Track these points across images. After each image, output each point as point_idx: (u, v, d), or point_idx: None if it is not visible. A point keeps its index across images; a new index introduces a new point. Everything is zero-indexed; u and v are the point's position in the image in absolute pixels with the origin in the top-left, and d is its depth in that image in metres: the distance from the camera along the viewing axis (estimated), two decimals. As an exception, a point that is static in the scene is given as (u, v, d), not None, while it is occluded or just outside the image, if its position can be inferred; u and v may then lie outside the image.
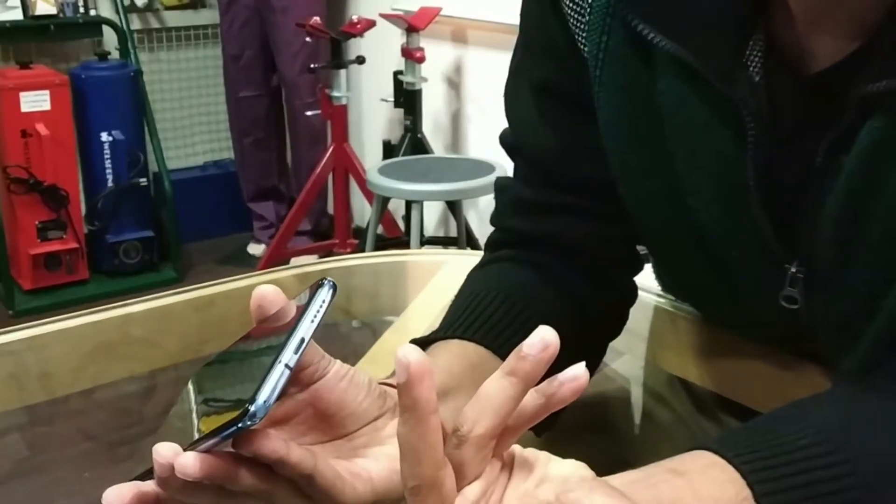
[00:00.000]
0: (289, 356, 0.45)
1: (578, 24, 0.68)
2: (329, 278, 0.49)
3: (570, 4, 0.68)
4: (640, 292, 0.80)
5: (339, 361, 0.53)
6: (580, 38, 0.68)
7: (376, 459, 0.52)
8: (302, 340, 0.46)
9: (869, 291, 0.61)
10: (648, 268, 0.83)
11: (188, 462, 0.44)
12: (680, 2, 0.61)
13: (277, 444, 0.46)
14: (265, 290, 0.52)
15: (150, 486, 0.48)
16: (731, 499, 0.49)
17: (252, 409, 0.43)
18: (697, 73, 0.61)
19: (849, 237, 0.60)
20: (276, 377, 0.45)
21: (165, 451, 0.45)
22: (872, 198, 0.58)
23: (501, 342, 0.67)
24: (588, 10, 0.67)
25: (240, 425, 0.43)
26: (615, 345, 0.79)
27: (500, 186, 0.79)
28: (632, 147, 0.69)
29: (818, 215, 0.61)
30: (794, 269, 0.64)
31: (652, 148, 0.66)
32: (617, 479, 0.48)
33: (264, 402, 0.44)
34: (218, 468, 0.45)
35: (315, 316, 0.47)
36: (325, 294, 0.48)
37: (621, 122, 0.68)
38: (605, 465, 0.49)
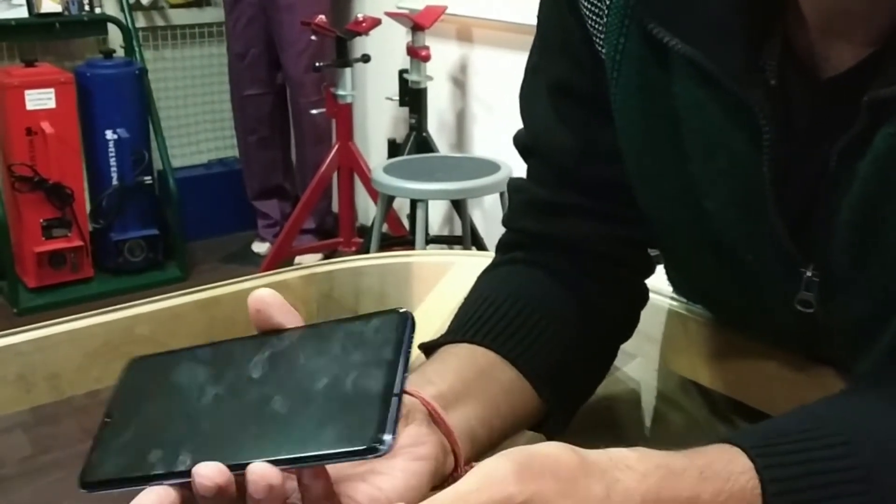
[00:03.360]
0: (398, 387, 0.45)
1: (596, 26, 0.68)
2: (405, 309, 0.49)
3: (588, 6, 0.68)
4: (652, 295, 0.80)
5: None
6: (598, 40, 0.68)
7: (389, 475, 0.51)
8: (405, 369, 0.46)
9: (884, 296, 0.61)
10: (661, 270, 0.82)
11: (271, 473, 0.45)
12: (695, 5, 0.61)
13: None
14: (263, 294, 0.51)
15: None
16: (737, 468, 0.50)
17: (383, 448, 0.43)
18: (713, 76, 0.61)
19: (864, 241, 0.60)
20: (395, 409, 0.44)
21: (210, 472, 0.45)
22: (887, 203, 0.58)
23: (511, 346, 0.67)
24: (606, 11, 0.66)
25: (368, 457, 0.43)
26: (626, 348, 0.78)
27: (514, 187, 0.79)
28: (648, 148, 0.68)
29: (833, 219, 0.61)
30: (809, 273, 0.64)
31: (668, 150, 0.66)
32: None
33: (393, 436, 0.44)
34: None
35: (404, 351, 0.47)
36: (409, 330, 0.48)
37: (637, 124, 0.68)
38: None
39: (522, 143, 0.78)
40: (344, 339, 0.48)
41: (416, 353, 0.69)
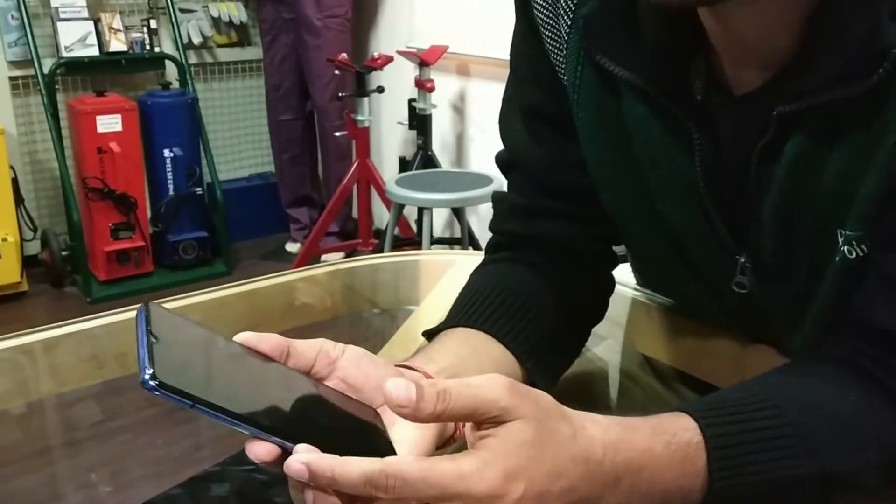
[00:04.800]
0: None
1: (558, 58, 0.68)
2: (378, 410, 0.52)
3: (551, 41, 0.68)
4: (620, 287, 0.80)
5: (352, 346, 0.53)
6: (560, 69, 0.68)
7: (404, 442, 0.51)
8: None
9: (805, 280, 0.60)
10: (627, 267, 0.82)
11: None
12: (633, 39, 0.61)
13: None
14: (245, 338, 0.50)
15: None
16: (682, 425, 0.51)
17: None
18: (650, 95, 0.61)
19: (785, 234, 0.60)
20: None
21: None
22: (802, 201, 0.57)
23: (498, 328, 0.67)
24: (565, 46, 0.66)
25: None
26: (598, 331, 0.78)
27: (497, 198, 0.78)
28: (606, 159, 0.68)
29: (758, 215, 0.60)
30: (743, 259, 0.63)
31: (622, 159, 0.66)
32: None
33: None
34: None
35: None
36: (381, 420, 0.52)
37: (597, 138, 0.68)
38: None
39: (503, 160, 0.77)
40: (349, 403, 0.51)
41: (420, 339, 0.69)
